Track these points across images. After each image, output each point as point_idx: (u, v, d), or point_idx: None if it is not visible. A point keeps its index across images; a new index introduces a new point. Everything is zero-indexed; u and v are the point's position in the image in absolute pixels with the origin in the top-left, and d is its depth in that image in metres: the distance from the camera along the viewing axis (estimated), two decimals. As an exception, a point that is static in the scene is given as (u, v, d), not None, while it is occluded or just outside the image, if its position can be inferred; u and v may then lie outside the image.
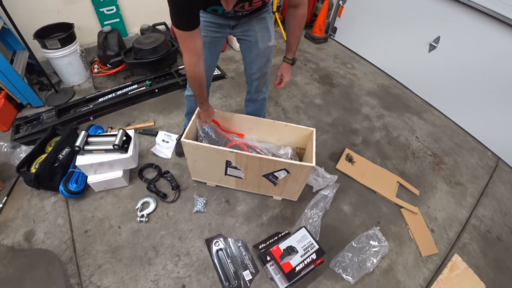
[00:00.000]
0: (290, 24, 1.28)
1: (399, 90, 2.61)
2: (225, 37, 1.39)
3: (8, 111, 1.92)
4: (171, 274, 1.33)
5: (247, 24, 1.31)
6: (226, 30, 1.32)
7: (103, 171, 1.56)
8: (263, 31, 1.34)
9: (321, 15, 2.99)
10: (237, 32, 1.35)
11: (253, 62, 1.46)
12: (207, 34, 1.29)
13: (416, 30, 2.38)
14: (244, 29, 1.33)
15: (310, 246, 1.26)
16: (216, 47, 1.40)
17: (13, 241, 1.41)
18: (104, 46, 2.16)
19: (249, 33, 1.34)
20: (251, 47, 1.39)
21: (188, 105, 1.70)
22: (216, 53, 1.44)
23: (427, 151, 2.05)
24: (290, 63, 1.42)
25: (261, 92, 1.65)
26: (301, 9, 1.21)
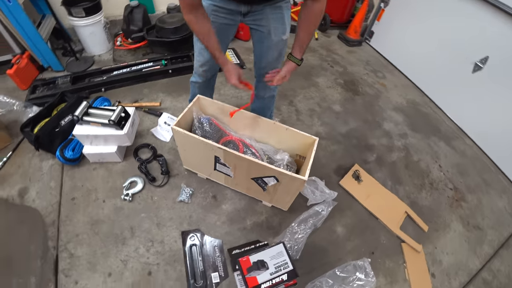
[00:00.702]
0: (305, 18, 1.13)
1: (431, 109, 2.34)
2: (235, 25, 1.29)
3: (29, 71, 2.02)
4: (141, 259, 1.30)
5: (260, 12, 1.20)
6: (237, 17, 1.22)
7: (98, 144, 1.56)
8: (277, 22, 1.23)
9: (359, 16, 2.77)
10: (249, 21, 1.25)
11: (263, 55, 1.36)
12: (216, 19, 1.20)
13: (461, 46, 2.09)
14: (256, 18, 1.22)
15: (284, 266, 1.16)
16: (225, 35, 1.29)
17: (8, 195, 1.48)
18: (129, 20, 2.18)
19: (262, 22, 1.23)
20: (263, 38, 1.28)
21: (192, 91, 1.64)
22: (225, 41, 1.34)
23: (448, 183, 1.81)
24: (298, 64, 1.27)
25: (269, 89, 1.54)
26: (319, 3, 1.06)
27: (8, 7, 1.73)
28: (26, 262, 1.26)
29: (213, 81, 1.61)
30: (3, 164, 1.59)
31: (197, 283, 1.25)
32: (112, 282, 1.22)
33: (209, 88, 1.63)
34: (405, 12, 2.51)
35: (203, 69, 1.42)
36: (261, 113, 1.52)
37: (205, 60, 1.37)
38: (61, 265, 1.26)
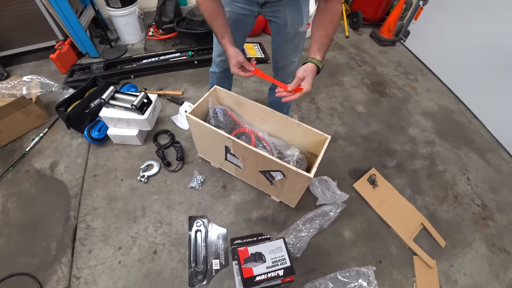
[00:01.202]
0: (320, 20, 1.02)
1: (465, 118, 2.15)
2: (253, 16, 1.29)
3: (69, 56, 2.21)
4: (149, 237, 1.38)
5: (277, 3, 1.19)
6: (254, 7, 1.22)
7: (121, 127, 1.67)
8: (294, 13, 1.21)
9: (394, 14, 2.61)
10: (266, 12, 1.24)
11: (280, 48, 1.35)
12: (233, 9, 1.22)
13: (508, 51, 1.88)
14: (273, 9, 1.21)
15: (281, 261, 1.15)
16: (242, 26, 1.30)
17: (41, 167, 1.64)
18: (161, 11, 2.28)
19: (279, 14, 1.21)
20: (280, 30, 1.27)
21: (211, 81, 1.67)
22: (242, 33, 1.35)
23: (475, 199, 1.65)
24: (318, 66, 1.02)
25: (287, 83, 1.51)
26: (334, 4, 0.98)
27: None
28: (49, 228, 1.40)
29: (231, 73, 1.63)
30: (40, 139, 1.76)
31: (198, 268, 1.30)
32: (121, 255, 1.31)
33: (227, 78, 1.65)
34: (446, 11, 2.32)
35: (220, 59, 1.45)
36: (278, 108, 1.51)
37: (222, 51, 1.38)
38: (78, 234, 1.37)
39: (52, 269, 1.27)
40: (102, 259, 1.30)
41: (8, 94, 1.74)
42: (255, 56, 2.43)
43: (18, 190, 1.54)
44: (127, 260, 1.30)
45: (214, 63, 1.53)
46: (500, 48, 1.93)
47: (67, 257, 1.30)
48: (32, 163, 1.66)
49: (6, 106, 1.63)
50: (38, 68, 2.33)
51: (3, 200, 1.50)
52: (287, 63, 1.39)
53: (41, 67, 2.34)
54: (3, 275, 1.24)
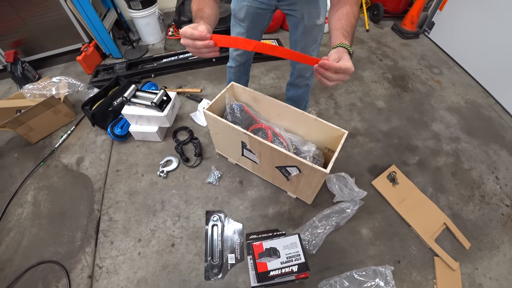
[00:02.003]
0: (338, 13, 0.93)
1: (495, 113, 2.02)
2: (270, 11, 1.28)
3: (94, 58, 2.32)
4: (167, 230, 1.42)
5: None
6: (271, 1, 1.22)
7: (142, 124, 1.73)
8: (311, 6, 1.19)
9: (417, 5, 2.48)
10: (283, 5, 1.24)
11: (297, 41, 1.33)
12: (250, 3, 1.22)
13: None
14: (290, 2, 1.20)
15: (296, 257, 1.14)
16: (259, 20, 1.31)
17: (68, 162, 1.75)
18: (180, 11, 2.33)
19: (295, 7, 1.20)
20: (297, 23, 1.26)
21: (228, 76, 1.69)
22: (259, 28, 1.35)
23: (504, 199, 1.55)
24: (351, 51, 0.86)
25: (304, 77, 1.51)
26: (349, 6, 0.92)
27: (80, 1, 2.01)
28: (75, 219, 1.48)
29: (247, 66, 1.64)
30: (68, 136, 1.87)
31: (214, 261, 1.32)
32: (140, 247, 1.36)
33: (244, 73, 1.66)
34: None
35: (237, 53, 1.47)
36: (296, 103, 1.50)
37: None
38: (101, 226, 1.44)
39: (77, 258, 1.35)
40: (123, 250, 1.36)
41: (39, 95, 1.85)
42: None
43: (48, 184, 1.65)
44: (146, 251, 1.35)
45: (231, 57, 1.56)
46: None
47: (91, 247, 1.38)
48: (61, 158, 1.77)
49: (37, 105, 1.74)
50: (66, 69, 2.47)
51: (35, 193, 1.61)
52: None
53: (69, 68, 2.48)
54: (34, 262, 1.33)
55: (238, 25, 1.34)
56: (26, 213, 1.53)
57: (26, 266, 1.32)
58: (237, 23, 1.34)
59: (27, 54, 2.34)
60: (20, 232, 1.45)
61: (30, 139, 1.83)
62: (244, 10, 1.25)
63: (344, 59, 0.81)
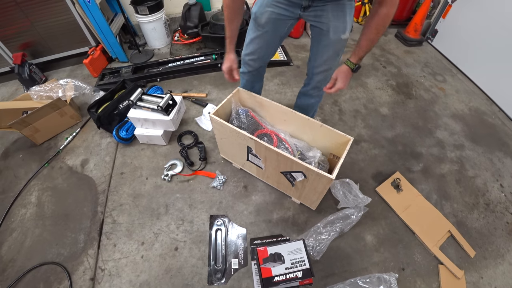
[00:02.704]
0: (367, 22, 1.06)
1: (499, 120, 2.02)
2: (294, 19, 1.25)
3: (101, 61, 2.35)
4: (171, 234, 1.42)
5: (321, 8, 1.15)
6: (296, 10, 1.19)
7: (148, 127, 1.74)
8: (338, 20, 1.16)
9: (420, 13, 2.51)
10: (309, 16, 1.20)
11: (319, 53, 1.31)
12: (274, 9, 1.20)
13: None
14: (317, 14, 1.17)
15: (300, 263, 1.14)
16: (281, 27, 1.27)
17: (73, 164, 1.75)
18: (186, 17, 2.37)
19: (322, 19, 1.18)
20: (321, 36, 1.23)
21: (242, 82, 1.63)
22: (279, 34, 1.31)
23: (509, 207, 1.54)
24: (352, 68, 1.18)
25: (319, 89, 1.48)
26: (384, 8, 0.97)
27: (88, 6, 2.04)
28: (79, 221, 1.48)
29: (262, 72, 1.58)
30: (73, 138, 1.88)
31: (217, 266, 1.31)
32: (143, 250, 1.36)
33: (258, 79, 1.61)
34: (476, 7, 2.21)
35: (250, 58, 1.42)
36: (305, 111, 1.49)
37: (253, 50, 1.37)
38: (105, 228, 1.44)
39: (80, 260, 1.34)
40: (126, 253, 1.36)
41: (46, 97, 1.87)
42: (278, 59, 2.45)
43: (52, 185, 1.65)
44: (149, 255, 1.35)
45: (243, 62, 1.50)
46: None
47: (93, 250, 1.38)
48: (65, 160, 1.78)
49: (44, 107, 1.76)
50: (72, 72, 2.50)
51: (39, 194, 1.61)
52: (324, 69, 1.35)
53: (75, 71, 2.51)
54: (36, 263, 1.33)
55: (257, 29, 1.30)
56: (29, 214, 1.53)
57: (28, 267, 1.32)
58: (256, 28, 1.30)
59: (35, 56, 2.37)
60: (23, 232, 1.45)
61: (36, 140, 1.84)
62: (266, 15, 1.23)
63: (338, 81, 1.19)
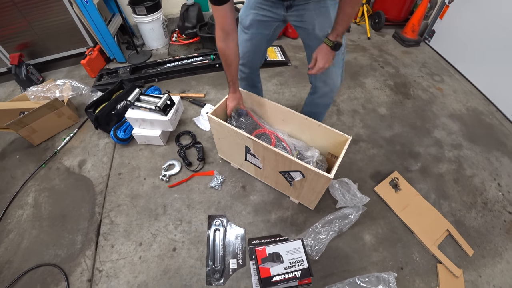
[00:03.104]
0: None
1: (496, 120, 2.03)
2: (278, 21, 1.25)
3: (98, 61, 2.35)
4: (169, 235, 1.41)
5: (303, 7, 1.15)
6: (279, 11, 1.19)
7: (146, 127, 1.74)
8: (322, 16, 1.14)
9: (418, 14, 2.53)
10: (292, 16, 1.20)
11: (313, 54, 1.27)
12: (258, 11, 1.21)
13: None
14: (299, 13, 1.17)
15: (299, 262, 1.13)
16: (266, 29, 1.28)
17: (70, 164, 1.74)
18: (184, 17, 2.37)
19: (304, 18, 1.17)
20: (309, 35, 1.22)
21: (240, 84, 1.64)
22: (265, 36, 1.31)
23: (507, 206, 1.55)
24: (331, 46, 1.09)
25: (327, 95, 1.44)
26: None
27: (86, 7, 2.04)
28: (76, 222, 1.47)
29: (255, 78, 1.59)
30: (70, 139, 1.88)
31: (216, 266, 1.31)
32: (141, 251, 1.35)
33: (250, 86, 1.60)
34: (474, 8, 2.22)
35: (240, 62, 1.39)
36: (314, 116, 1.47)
37: (242, 54, 1.35)
38: (102, 229, 1.44)
39: (77, 261, 1.34)
40: (124, 254, 1.35)
41: (43, 97, 1.86)
42: (275, 59, 2.45)
43: (50, 186, 1.64)
44: (147, 255, 1.34)
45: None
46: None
47: (91, 251, 1.37)
48: (63, 161, 1.77)
49: (41, 107, 1.75)
50: (70, 73, 2.50)
51: (36, 195, 1.60)
52: (329, 77, 1.32)
53: (73, 72, 2.50)
54: (33, 264, 1.32)
55: (244, 32, 1.32)
56: (26, 215, 1.52)
57: (25, 268, 1.31)
58: (243, 30, 1.32)
59: (32, 57, 2.36)
60: (20, 234, 1.44)
61: (33, 141, 1.83)
62: (250, 17, 1.24)
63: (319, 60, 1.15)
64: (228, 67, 1.25)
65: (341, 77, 1.34)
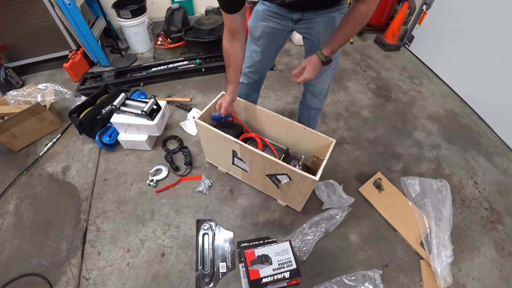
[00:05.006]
0: (345, 17, 1.03)
1: (472, 121, 2.14)
2: (286, 32, 1.28)
3: (82, 65, 2.30)
4: (157, 240, 1.41)
5: (311, 21, 1.17)
6: (288, 23, 1.22)
7: (132, 132, 1.72)
8: (328, 31, 1.16)
9: (397, 20, 2.63)
10: (300, 28, 1.23)
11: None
12: (267, 24, 1.23)
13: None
14: (307, 26, 1.20)
15: (287, 263, 1.16)
16: (275, 40, 1.31)
17: (54, 171, 1.70)
18: (169, 21, 2.36)
19: (312, 31, 1.20)
20: (312, 47, 1.25)
21: (239, 92, 1.61)
22: (275, 46, 1.35)
23: (483, 202, 1.64)
24: (322, 60, 1.12)
25: (316, 99, 1.49)
26: (363, 5, 0.95)
27: (68, 9, 1.99)
28: (60, 230, 1.44)
29: (260, 83, 1.62)
30: (53, 144, 1.83)
31: (205, 270, 1.31)
32: (129, 257, 1.34)
33: (255, 90, 1.64)
34: (449, 15, 2.33)
35: (250, 70, 1.45)
36: (305, 122, 1.51)
37: (253, 62, 1.40)
38: (88, 236, 1.41)
39: (62, 270, 1.31)
40: (111, 261, 1.33)
41: (24, 101, 1.81)
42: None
43: (31, 193, 1.60)
44: (135, 262, 1.33)
45: (243, 73, 1.51)
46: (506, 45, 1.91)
47: (77, 259, 1.34)
48: (45, 167, 1.72)
49: (22, 112, 1.70)
50: (52, 76, 2.43)
51: (17, 203, 1.56)
52: (317, 81, 1.37)
53: (55, 75, 2.44)
54: (15, 275, 1.28)
55: (254, 43, 1.34)
56: (7, 223, 1.48)
57: (6, 279, 1.27)
58: (253, 41, 1.34)
59: (11, 60, 2.29)
60: (0, 243, 1.40)
61: (13, 146, 1.77)
62: (260, 29, 1.26)
63: (306, 70, 1.15)
64: (227, 67, 1.26)
65: (329, 83, 1.39)
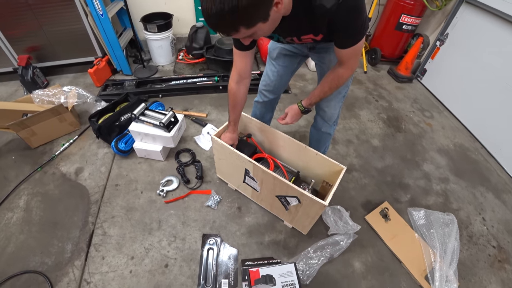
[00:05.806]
0: (325, 76, 1.15)
1: (481, 157, 2.14)
2: (301, 56, 1.35)
3: (105, 72, 2.41)
4: (162, 250, 1.41)
5: (324, 50, 1.24)
6: (303, 49, 1.29)
7: (147, 141, 1.77)
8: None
9: (411, 53, 2.71)
10: (314, 55, 1.31)
11: None
12: (284, 46, 1.31)
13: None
14: (320, 55, 1.27)
15: (291, 286, 1.16)
16: (291, 62, 1.38)
17: (67, 171, 1.75)
18: (192, 38, 2.48)
19: (325, 59, 1.27)
20: (324, 73, 1.28)
21: (253, 109, 1.71)
22: (291, 68, 1.42)
23: (491, 240, 1.61)
24: (301, 110, 1.30)
25: (326, 123, 1.52)
26: (341, 68, 1.06)
27: (100, 19, 2.13)
28: (67, 230, 1.46)
29: (274, 103, 1.68)
30: (69, 145, 1.89)
31: (207, 286, 1.31)
32: (132, 265, 1.34)
33: (269, 110, 1.70)
34: (462, 51, 2.40)
35: (265, 88, 1.52)
36: (315, 145, 1.56)
37: (269, 82, 1.47)
38: (94, 239, 1.43)
39: (65, 270, 1.32)
40: (114, 267, 1.34)
41: (48, 101, 1.89)
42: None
43: (43, 191, 1.64)
44: (138, 270, 1.33)
45: (259, 92, 1.59)
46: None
47: (80, 261, 1.35)
48: (59, 166, 1.77)
49: (45, 111, 1.78)
50: (75, 79, 2.54)
51: (28, 199, 1.59)
52: (327, 106, 1.41)
53: (78, 79, 2.55)
54: (18, 270, 1.30)
55: (271, 63, 1.42)
56: (16, 218, 1.51)
57: (8, 274, 1.28)
58: (270, 61, 1.42)
59: (40, 60, 2.40)
60: (7, 237, 1.42)
61: (31, 143, 1.83)
62: (277, 51, 1.34)
63: (288, 116, 1.35)
64: (233, 108, 1.34)
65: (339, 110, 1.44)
